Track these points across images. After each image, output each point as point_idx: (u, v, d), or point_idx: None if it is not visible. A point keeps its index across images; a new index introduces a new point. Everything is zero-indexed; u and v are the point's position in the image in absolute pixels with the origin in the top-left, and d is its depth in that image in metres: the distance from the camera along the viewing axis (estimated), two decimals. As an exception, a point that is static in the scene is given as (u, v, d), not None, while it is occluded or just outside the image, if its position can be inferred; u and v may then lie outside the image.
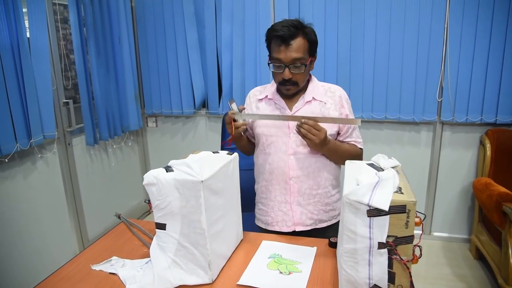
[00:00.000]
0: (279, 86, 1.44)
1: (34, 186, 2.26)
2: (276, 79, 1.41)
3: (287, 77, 1.36)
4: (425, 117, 2.70)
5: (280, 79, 1.38)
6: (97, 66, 2.63)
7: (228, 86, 3.01)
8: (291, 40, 1.32)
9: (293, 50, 1.33)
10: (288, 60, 1.34)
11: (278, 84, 1.43)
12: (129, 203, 3.27)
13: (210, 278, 1.08)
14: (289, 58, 1.33)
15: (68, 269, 1.18)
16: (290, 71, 1.35)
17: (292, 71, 1.35)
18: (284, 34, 1.31)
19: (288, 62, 1.34)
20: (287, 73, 1.35)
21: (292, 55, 1.33)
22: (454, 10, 2.50)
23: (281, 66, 1.35)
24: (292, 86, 1.39)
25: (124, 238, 1.39)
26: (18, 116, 2.05)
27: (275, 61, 1.36)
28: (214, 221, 1.08)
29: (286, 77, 1.36)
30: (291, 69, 1.35)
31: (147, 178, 1.05)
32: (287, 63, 1.34)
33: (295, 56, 1.33)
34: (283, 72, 1.36)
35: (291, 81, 1.37)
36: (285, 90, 1.42)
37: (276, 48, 1.35)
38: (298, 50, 1.33)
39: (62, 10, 2.46)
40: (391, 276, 0.91)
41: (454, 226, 2.90)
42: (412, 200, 0.87)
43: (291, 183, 1.46)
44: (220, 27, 2.92)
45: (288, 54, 1.33)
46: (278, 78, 1.39)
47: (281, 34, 1.31)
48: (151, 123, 3.40)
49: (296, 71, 1.36)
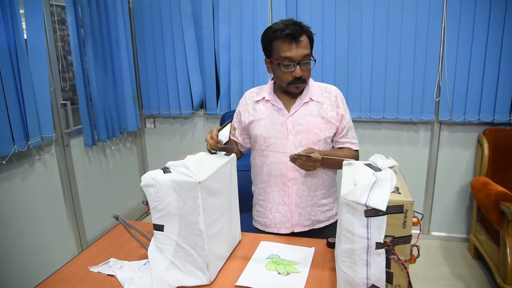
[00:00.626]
0: (287, 86, 1.41)
1: (32, 188, 2.25)
2: (285, 79, 1.39)
3: (299, 75, 1.35)
4: (423, 116, 2.71)
5: (290, 78, 1.36)
6: (95, 67, 2.63)
7: (226, 86, 3.01)
8: (300, 37, 1.32)
9: (303, 47, 1.33)
10: (299, 57, 1.33)
11: (287, 84, 1.39)
12: (127, 205, 3.26)
13: (208, 279, 1.08)
14: (300, 55, 1.33)
15: (66, 270, 1.18)
16: (301, 68, 1.35)
17: (303, 67, 1.35)
18: (293, 32, 1.30)
19: (299, 59, 1.33)
20: (299, 70, 1.34)
21: (303, 51, 1.33)
22: (451, 10, 2.50)
23: (291, 65, 1.34)
24: (301, 83, 1.39)
25: (122, 239, 1.39)
26: (15, 117, 2.04)
27: (286, 60, 1.34)
28: (212, 222, 1.08)
29: (298, 74, 1.35)
30: (302, 66, 1.34)
31: (145, 180, 1.05)
32: (298, 60, 1.33)
33: (305, 52, 1.34)
34: (294, 70, 1.34)
35: (301, 79, 1.37)
36: (295, 88, 1.40)
37: (286, 47, 1.33)
38: (306, 47, 1.34)
39: (60, 11, 2.45)
40: (389, 276, 0.91)
41: (452, 226, 2.91)
42: (410, 200, 0.87)
43: (290, 185, 1.46)
44: (217, 28, 2.92)
45: (300, 51, 1.33)
46: (287, 77, 1.37)
47: (290, 32, 1.30)
48: (149, 124, 3.40)
49: (306, 67, 1.36)
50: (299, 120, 1.42)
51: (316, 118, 1.43)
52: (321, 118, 1.43)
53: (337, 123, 1.45)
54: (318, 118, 1.43)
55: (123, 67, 2.92)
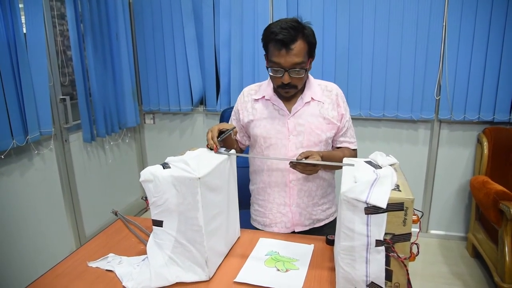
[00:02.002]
0: (277, 89, 1.39)
1: (31, 183, 2.25)
2: (275, 83, 1.36)
3: (287, 82, 1.30)
4: (423, 115, 2.71)
5: (279, 83, 1.33)
6: (94, 63, 2.62)
7: (226, 83, 3.00)
8: (291, 44, 1.25)
9: (294, 55, 1.26)
10: (288, 65, 1.27)
11: (277, 87, 1.37)
12: (126, 200, 3.26)
13: (207, 275, 1.08)
14: (289, 63, 1.27)
15: (64, 266, 1.18)
16: (290, 76, 1.30)
17: (292, 75, 1.30)
18: (284, 38, 1.24)
19: (288, 66, 1.28)
20: (286, 77, 1.30)
21: (292, 60, 1.27)
22: (453, 8, 2.49)
23: (280, 71, 1.30)
24: (290, 89, 1.35)
25: (121, 235, 1.38)
26: (14, 112, 2.03)
27: (274, 65, 1.30)
28: (211, 218, 1.08)
29: (286, 81, 1.30)
30: (291, 74, 1.29)
31: (144, 175, 1.04)
32: (287, 67, 1.28)
33: (295, 61, 1.27)
34: (282, 77, 1.30)
35: (290, 85, 1.32)
36: (284, 93, 1.37)
37: (276, 52, 1.28)
38: (298, 55, 1.27)
39: (59, 5, 2.44)
40: (388, 273, 0.91)
41: (451, 224, 2.91)
42: (410, 197, 0.86)
43: (291, 186, 1.44)
44: (218, 24, 2.91)
45: (289, 59, 1.27)
46: (276, 82, 1.34)
47: (281, 38, 1.24)
48: (148, 120, 3.39)
49: (296, 75, 1.30)
50: (301, 121, 1.40)
51: (318, 118, 1.41)
52: (322, 119, 1.41)
53: (338, 123, 1.43)
54: (320, 118, 1.41)
55: (122, 63, 2.91)
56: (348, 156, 1.44)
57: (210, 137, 1.23)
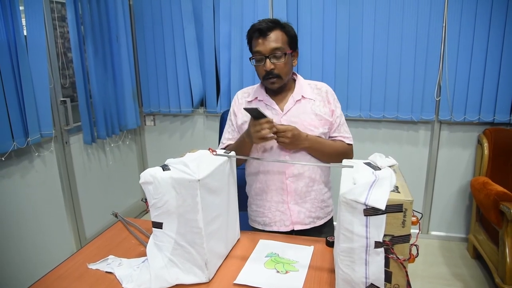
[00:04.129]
0: (263, 82, 1.45)
1: (32, 185, 2.25)
2: (260, 74, 1.43)
3: (269, 68, 1.38)
4: (423, 116, 2.71)
5: (263, 72, 1.40)
6: (94, 65, 2.63)
7: (226, 84, 3.00)
8: (268, 32, 1.36)
9: (272, 41, 1.36)
10: (267, 50, 1.36)
11: (262, 80, 1.44)
12: (126, 202, 3.26)
13: (207, 277, 1.08)
14: (268, 49, 1.36)
15: (64, 267, 1.18)
16: (271, 61, 1.37)
17: (273, 61, 1.37)
18: (261, 27, 1.36)
19: (267, 52, 1.37)
20: (268, 64, 1.37)
21: (270, 45, 1.36)
22: (452, 9, 2.50)
23: (262, 59, 1.38)
24: (275, 78, 1.40)
25: (121, 237, 1.39)
26: (15, 114, 2.04)
27: (256, 54, 1.40)
28: (210, 220, 1.08)
29: (268, 68, 1.37)
30: (271, 59, 1.37)
31: (144, 177, 1.04)
32: (266, 53, 1.37)
33: (274, 46, 1.36)
34: (264, 64, 1.38)
35: (273, 73, 1.39)
36: (270, 84, 1.42)
37: (255, 42, 1.39)
38: (276, 41, 1.37)
39: (60, 8, 2.45)
40: (387, 275, 0.91)
41: (451, 225, 2.91)
42: (409, 199, 0.86)
43: (288, 183, 1.46)
44: (218, 26, 2.91)
45: (267, 45, 1.36)
46: (261, 71, 1.41)
47: (258, 27, 1.36)
48: (149, 122, 3.40)
49: (276, 61, 1.37)
50: (293, 119, 1.43)
51: (310, 115, 1.44)
52: (314, 115, 1.45)
53: (330, 119, 1.47)
54: (312, 115, 1.44)
55: (123, 65, 2.92)
56: (342, 148, 1.49)
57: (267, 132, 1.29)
